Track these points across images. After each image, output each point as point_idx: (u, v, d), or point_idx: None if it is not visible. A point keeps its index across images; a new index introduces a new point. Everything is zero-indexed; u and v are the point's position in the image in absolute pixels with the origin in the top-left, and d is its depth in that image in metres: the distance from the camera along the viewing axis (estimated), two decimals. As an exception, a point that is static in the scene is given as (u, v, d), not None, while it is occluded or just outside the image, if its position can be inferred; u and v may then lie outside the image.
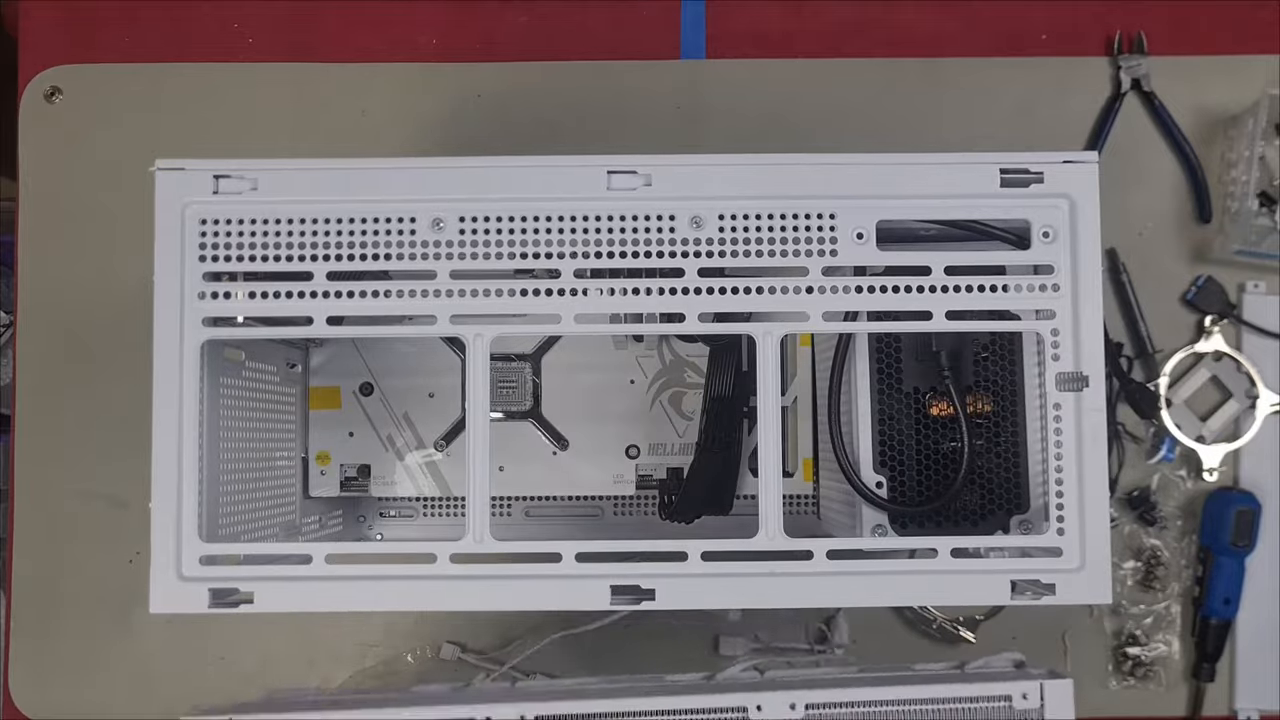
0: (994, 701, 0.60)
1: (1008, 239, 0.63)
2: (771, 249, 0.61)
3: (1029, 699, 0.59)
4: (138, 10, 0.94)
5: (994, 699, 0.60)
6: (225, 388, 0.67)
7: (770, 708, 0.60)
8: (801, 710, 0.60)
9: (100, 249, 0.91)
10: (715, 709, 0.60)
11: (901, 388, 0.68)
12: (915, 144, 0.91)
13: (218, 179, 0.61)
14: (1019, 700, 0.59)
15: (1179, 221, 0.92)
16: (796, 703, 0.60)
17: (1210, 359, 0.91)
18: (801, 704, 0.60)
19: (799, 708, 0.60)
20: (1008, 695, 0.59)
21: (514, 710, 0.59)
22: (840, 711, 0.60)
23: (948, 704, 0.60)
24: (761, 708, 0.60)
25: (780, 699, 0.60)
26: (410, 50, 0.94)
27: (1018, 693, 0.59)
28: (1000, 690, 0.60)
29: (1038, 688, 0.59)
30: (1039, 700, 0.59)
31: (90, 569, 0.89)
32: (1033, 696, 0.59)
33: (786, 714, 0.60)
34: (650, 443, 0.83)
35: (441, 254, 0.61)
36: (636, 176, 0.61)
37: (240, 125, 0.93)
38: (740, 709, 0.60)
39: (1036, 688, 0.59)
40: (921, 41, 0.94)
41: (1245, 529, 0.87)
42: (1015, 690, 0.59)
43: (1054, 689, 0.60)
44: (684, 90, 0.93)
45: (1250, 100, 0.88)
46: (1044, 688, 0.59)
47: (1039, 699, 0.59)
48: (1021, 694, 0.59)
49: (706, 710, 0.60)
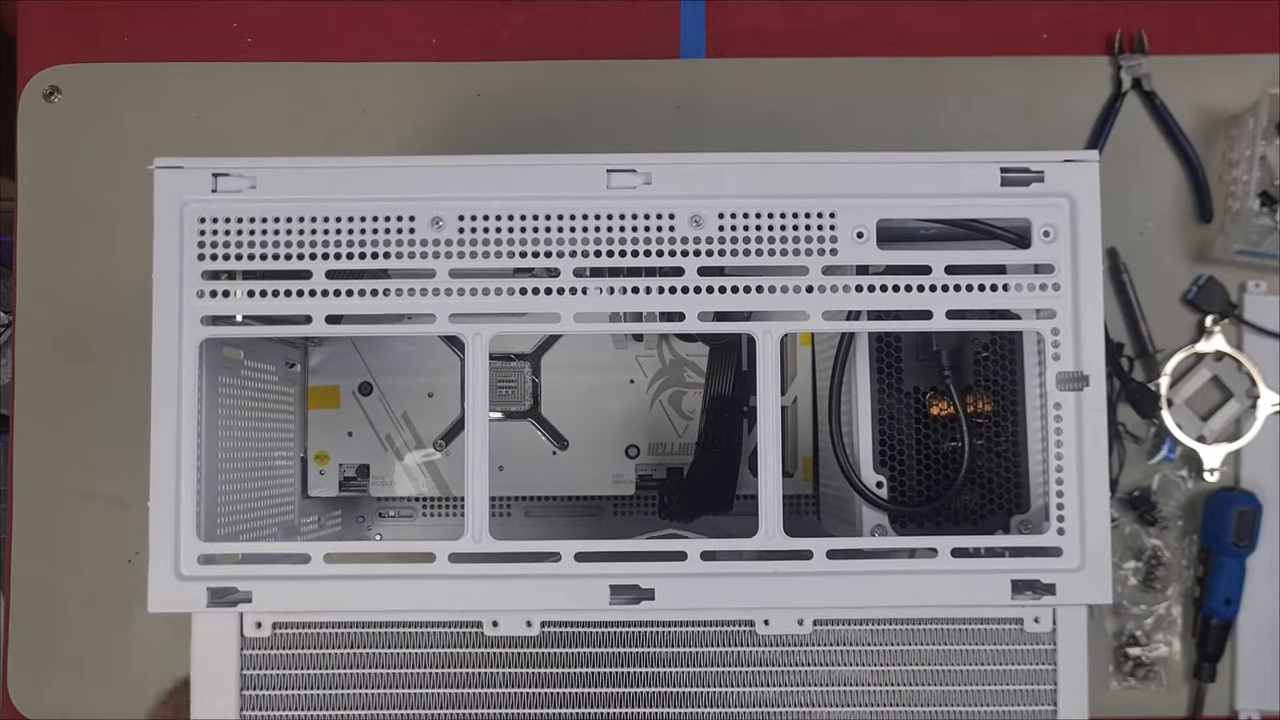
0: (1003, 623, 0.59)
1: (1008, 238, 0.63)
2: (771, 248, 0.61)
3: (1041, 623, 0.59)
4: (137, 10, 0.94)
5: (1003, 621, 0.59)
6: (224, 387, 0.67)
7: (778, 622, 0.59)
8: (809, 625, 0.59)
9: (99, 248, 0.91)
10: (720, 621, 0.60)
11: (902, 387, 0.68)
12: (915, 143, 0.91)
13: (216, 177, 0.61)
14: (1030, 624, 0.59)
15: (1180, 221, 0.92)
16: (804, 618, 0.59)
17: (1211, 359, 0.91)
18: (809, 619, 0.59)
19: (806, 623, 0.59)
20: (1019, 617, 0.59)
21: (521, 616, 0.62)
22: (850, 629, 0.59)
23: (955, 624, 0.59)
24: (769, 622, 0.59)
25: (787, 615, 0.59)
26: (410, 50, 0.94)
27: (1030, 616, 0.59)
28: (1011, 611, 0.59)
29: (1050, 612, 0.58)
30: (1051, 625, 0.59)
31: (89, 569, 0.89)
32: (1045, 621, 0.58)
33: (793, 629, 0.59)
34: (650, 443, 0.83)
35: (440, 253, 0.61)
36: (636, 175, 0.61)
37: (240, 124, 0.93)
38: (747, 622, 0.59)
39: (1050, 612, 0.58)
40: (921, 41, 0.94)
41: (1246, 529, 0.87)
42: (1028, 613, 0.59)
43: (1068, 615, 0.59)
44: (684, 89, 0.93)
45: (1251, 99, 0.88)
46: (1057, 612, 0.59)
47: (1051, 623, 0.59)
48: (1034, 617, 0.59)
49: (709, 622, 0.60)
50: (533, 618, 0.59)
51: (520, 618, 0.59)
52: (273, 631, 0.59)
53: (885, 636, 0.59)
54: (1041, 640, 0.59)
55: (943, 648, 0.59)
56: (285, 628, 0.59)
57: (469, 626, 0.59)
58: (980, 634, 0.59)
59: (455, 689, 0.59)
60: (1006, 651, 0.59)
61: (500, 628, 0.59)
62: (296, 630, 0.59)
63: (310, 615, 0.59)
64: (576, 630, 0.59)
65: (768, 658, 0.59)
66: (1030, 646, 0.59)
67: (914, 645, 0.59)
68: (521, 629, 0.59)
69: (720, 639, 0.60)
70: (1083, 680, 0.59)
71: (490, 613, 0.59)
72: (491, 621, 0.59)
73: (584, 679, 0.59)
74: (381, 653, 0.59)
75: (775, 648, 0.59)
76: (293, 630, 0.59)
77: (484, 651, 0.59)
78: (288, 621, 0.59)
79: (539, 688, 0.59)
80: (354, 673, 0.59)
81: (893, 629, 0.59)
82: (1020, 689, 0.59)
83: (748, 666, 0.59)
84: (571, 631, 0.59)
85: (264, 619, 0.59)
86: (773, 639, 0.59)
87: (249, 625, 0.59)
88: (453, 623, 0.59)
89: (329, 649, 0.59)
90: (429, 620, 0.60)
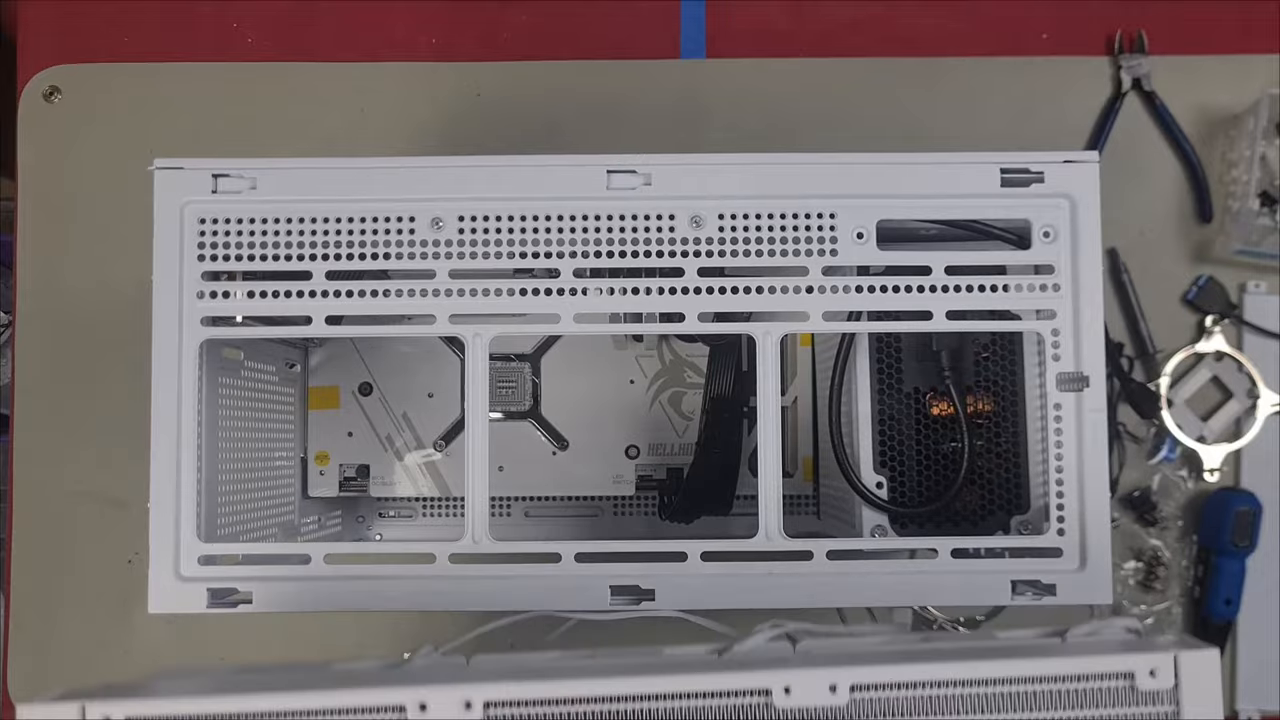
0: (1109, 680, 0.43)
1: (1008, 239, 0.63)
2: (771, 249, 0.61)
3: (1159, 676, 0.43)
4: (137, 10, 0.94)
5: (1109, 676, 0.43)
6: (224, 387, 0.67)
7: (802, 689, 0.44)
8: (845, 693, 0.44)
9: (99, 248, 0.91)
10: (728, 691, 0.44)
11: (902, 388, 0.68)
12: (915, 144, 0.91)
13: (216, 178, 0.61)
14: (1144, 679, 0.43)
15: (1180, 221, 0.92)
16: (838, 683, 0.43)
17: (1211, 359, 0.91)
18: (845, 684, 0.44)
19: (841, 690, 0.44)
20: (1129, 671, 0.43)
21: (457, 694, 0.44)
22: (898, 694, 0.44)
23: (1044, 683, 0.43)
24: (790, 690, 0.43)
25: (816, 678, 0.44)
26: (410, 50, 0.94)
27: (1143, 668, 0.43)
28: (1117, 666, 0.43)
29: (1170, 661, 0.42)
30: (1173, 678, 0.43)
31: (89, 569, 0.89)
32: (1164, 673, 0.43)
33: (825, 698, 0.44)
34: (650, 443, 0.83)
35: (440, 253, 0.61)
36: (636, 176, 0.61)
37: (239, 125, 0.93)
38: (763, 691, 0.44)
39: (1169, 660, 0.42)
40: (921, 41, 0.94)
41: (1246, 529, 0.87)
42: (1140, 665, 0.43)
43: (1192, 662, 0.43)
44: (684, 90, 0.93)
45: (1251, 99, 0.88)
46: (1179, 661, 0.42)
47: (1173, 676, 0.43)
48: (1149, 670, 0.43)
49: (716, 693, 0.44)
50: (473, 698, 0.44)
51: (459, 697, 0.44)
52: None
53: (942, 706, 0.44)
54: (1160, 698, 0.43)
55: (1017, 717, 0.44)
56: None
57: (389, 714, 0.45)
58: (1076, 696, 0.44)
59: None
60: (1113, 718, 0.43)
61: (430, 711, 0.44)
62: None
63: (177, 709, 0.44)
64: (531, 714, 0.45)
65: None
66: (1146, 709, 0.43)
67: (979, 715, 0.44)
68: (459, 712, 0.44)
69: (724, 715, 0.45)
70: None
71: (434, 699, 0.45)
72: (419, 705, 0.44)
73: None
74: None
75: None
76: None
77: None
78: (143, 717, 0.45)
79: None
80: None
81: (956, 694, 0.44)
82: None
83: None
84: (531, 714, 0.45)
85: (114, 713, 0.44)
86: (796, 713, 0.44)
87: None
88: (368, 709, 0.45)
89: None
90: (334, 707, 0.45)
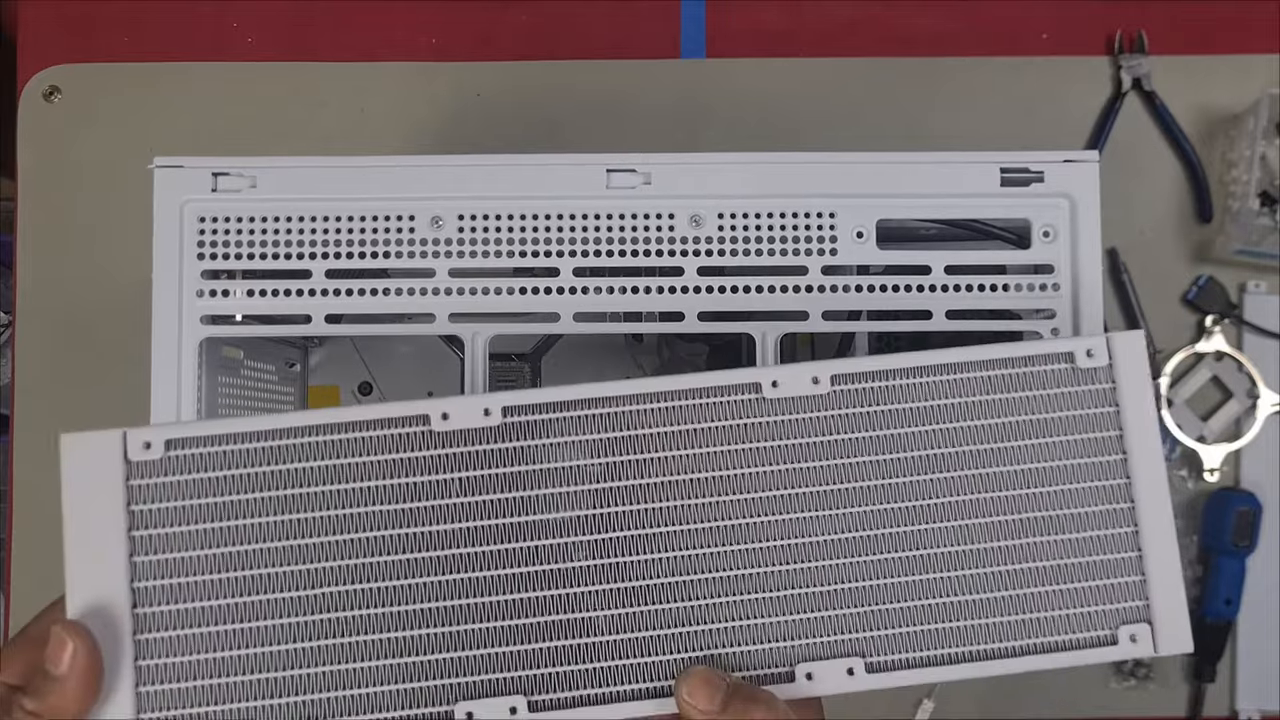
0: (1054, 363, 0.50)
1: (1008, 238, 0.63)
2: (771, 248, 0.61)
3: (1095, 355, 0.50)
4: (137, 10, 0.94)
5: (1053, 358, 0.50)
6: (224, 387, 0.67)
7: (788, 382, 0.48)
8: (826, 383, 0.49)
9: (99, 248, 0.91)
10: (723, 387, 0.49)
11: (901, 387, 0.68)
12: (915, 143, 0.91)
13: (216, 177, 0.61)
14: (1083, 359, 0.50)
15: (1180, 221, 0.92)
16: (819, 375, 0.48)
17: (1211, 359, 0.91)
18: (826, 375, 0.49)
19: (823, 380, 0.48)
20: (1069, 351, 0.50)
21: (476, 403, 0.48)
22: (874, 385, 0.49)
23: (1000, 367, 0.50)
24: (778, 383, 0.48)
25: (799, 372, 0.48)
26: (409, 50, 0.94)
27: (1080, 349, 0.50)
28: (1059, 348, 0.50)
29: (1103, 342, 0.50)
30: (1106, 356, 0.50)
31: (89, 569, 0.89)
32: (1099, 352, 0.50)
33: (809, 389, 0.49)
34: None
35: (440, 252, 0.61)
36: (636, 175, 0.61)
37: (239, 124, 0.93)
38: (753, 385, 0.49)
39: (1102, 342, 0.50)
40: (921, 41, 0.94)
41: (1246, 529, 0.87)
42: (1078, 346, 0.50)
43: (1122, 341, 0.50)
44: (684, 89, 0.93)
45: (1251, 99, 0.88)
46: (1110, 341, 0.50)
47: (1106, 355, 0.50)
48: (1085, 350, 0.50)
49: (712, 389, 0.49)
50: (491, 405, 0.48)
51: (478, 405, 0.48)
52: (165, 453, 0.47)
53: (911, 393, 0.49)
54: (1097, 375, 0.50)
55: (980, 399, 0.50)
56: (181, 447, 0.47)
57: (414, 424, 0.48)
58: (1027, 378, 0.50)
59: (400, 504, 0.47)
60: (1056, 396, 0.50)
61: (452, 420, 0.47)
62: (196, 451, 0.47)
63: (212, 429, 0.47)
64: (546, 418, 0.48)
65: (778, 429, 0.49)
66: (1089, 386, 0.50)
67: (946, 399, 0.49)
68: (479, 419, 0.48)
69: (720, 411, 0.49)
70: (1150, 417, 0.50)
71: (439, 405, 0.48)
72: (441, 414, 0.47)
73: (559, 476, 0.48)
74: (305, 467, 0.47)
75: (786, 415, 0.48)
76: (191, 451, 0.47)
77: (434, 454, 0.48)
78: (184, 438, 0.47)
79: (502, 492, 0.48)
80: (271, 496, 0.47)
81: (920, 381, 0.49)
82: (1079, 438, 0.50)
83: (755, 442, 0.48)
84: (541, 420, 0.48)
85: (153, 438, 0.47)
86: (783, 403, 0.48)
87: (134, 447, 0.47)
88: (394, 420, 0.48)
89: (238, 468, 0.47)
90: (364, 419, 0.48)
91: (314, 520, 0.47)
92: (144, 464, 0.47)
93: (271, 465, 0.47)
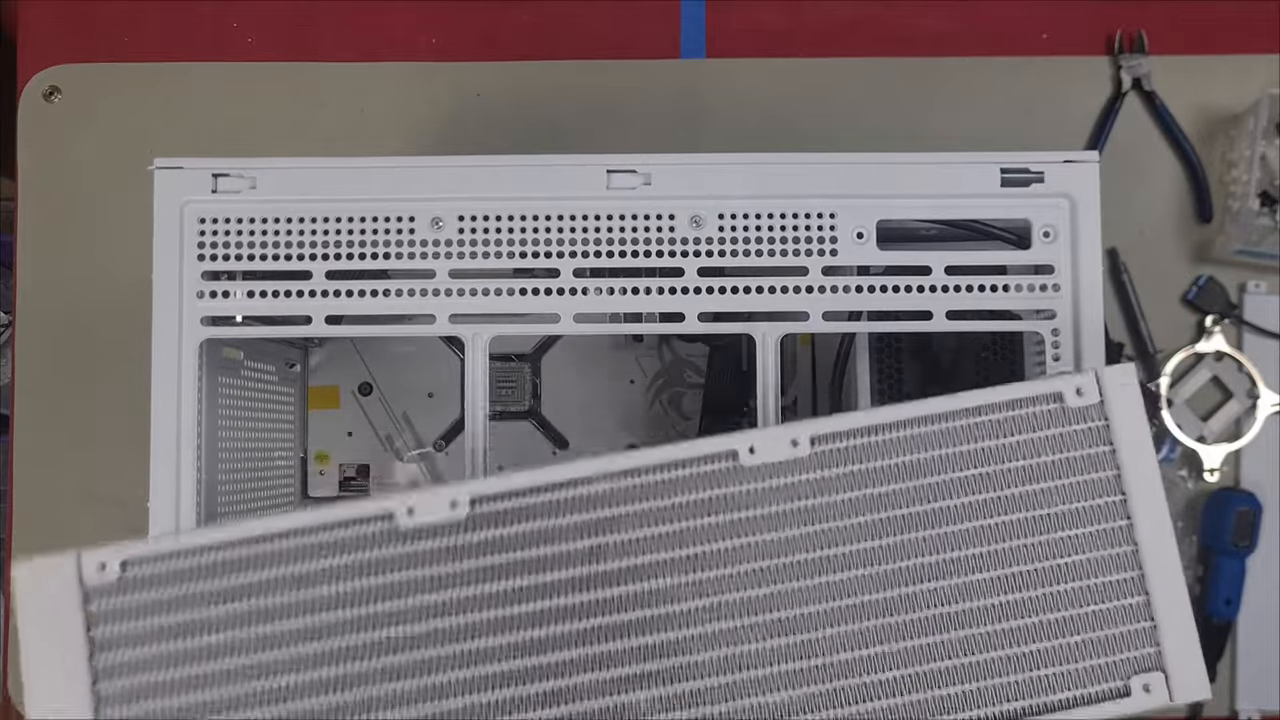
0: (1042, 404, 0.47)
1: (1008, 239, 0.63)
2: (771, 248, 0.61)
3: (1085, 394, 0.47)
4: (137, 10, 0.94)
5: (1041, 400, 0.47)
6: (224, 387, 0.67)
7: (766, 447, 0.47)
8: (806, 445, 0.47)
9: (99, 248, 0.91)
10: (697, 459, 0.47)
11: (902, 388, 0.68)
12: (915, 144, 0.91)
13: (216, 178, 0.61)
14: (1072, 398, 0.47)
15: (1180, 221, 0.92)
16: (798, 436, 0.47)
17: (1211, 359, 0.91)
18: (805, 436, 0.47)
19: (802, 442, 0.47)
20: (1057, 392, 0.47)
21: (443, 495, 0.46)
22: (856, 443, 0.47)
23: (985, 413, 0.47)
24: (755, 449, 0.47)
25: (777, 435, 0.47)
26: (409, 50, 0.94)
27: (1069, 387, 0.47)
28: (1045, 389, 0.47)
29: (1093, 378, 0.47)
30: (1097, 393, 0.47)
31: (89, 569, 0.89)
32: (1089, 389, 0.47)
33: (787, 452, 0.47)
34: (650, 443, 0.83)
35: (440, 253, 0.61)
36: (636, 175, 0.61)
37: (239, 124, 0.93)
38: (728, 453, 0.47)
39: (1091, 379, 0.47)
40: (921, 41, 0.94)
41: (1246, 529, 0.87)
42: (1065, 385, 0.47)
43: (1112, 375, 0.47)
44: (684, 90, 0.93)
45: (1251, 99, 0.88)
46: (1100, 376, 0.47)
47: (1097, 391, 0.47)
48: (1075, 389, 0.47)
49: (686, 462, 0.48)
50: (458, 496, 0.47)
51: (444, 498, 0.47)
52: (122, 574, 0.46)
53: (896, 448, 0.47)
54: (1090, 415, 0.48)
55: (968, 448, 0.48)
56: (138, 566, 0.46)
57: (377, 523, 0.46)
58: (1015, 423, 0.48)
59: (368, 607, 0.46)
60: (1047, 439, 0.48)
61: (417, 515, 0.46)
62: (153, 570, 0.46)
63: (169, 547, 0.46)
64: (516, 505, 0.47)
65: (759, 497, 0.47)
66: (1080, 425, 0.48)
67: (933, 451, 0.48)
68: (446, 512, 0.47)
69: (696, 483, 0.47)
70: (1148, 452, 0.48)
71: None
72: (406, 509, 0.46)
73: (533, 564, 0.46)
74: (266, 578, 0.46)
75: (767, 482, 0.47)
76: (148, 570, 0.46)
77: (401, 552, 0.46)
78: (140, 557, 0.46)
79: (475, 586, 0.46)
80: (233, 610, 0.46)
81: (903, 435, 0.48)
82: (1074, 481, 0.48)
83: (736, 512, 0.47)
84: (510, 508, 0.47)
85: (109, 559, 0.46)
86: (762, 470, 0.47)
87: (90, 570, 0.46)
88: (357, 519, 0.46)
89: (198, 584, 0.46)
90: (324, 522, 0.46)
91: (279, 633, 0.46)
92: (101, 586, 0.46)
93: (231, 579, 0.46)
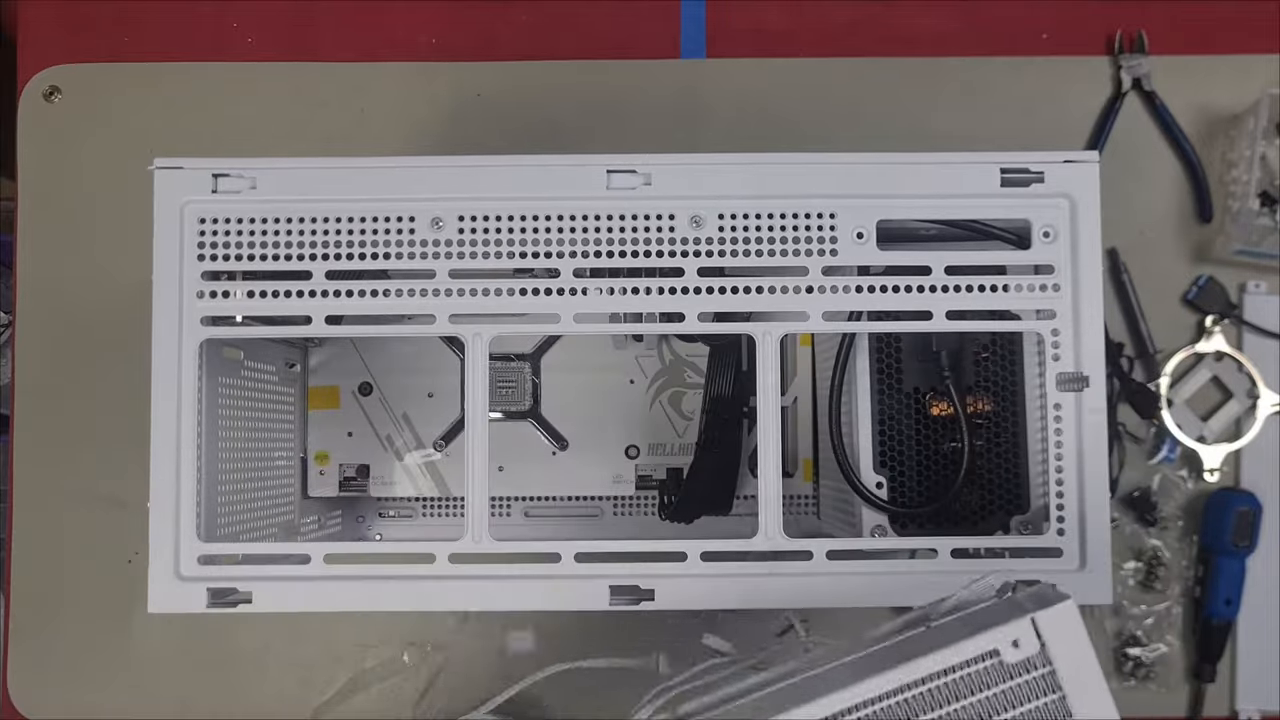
0: (979, 663, 0.42)
1: (1008, 239, 0.63)
2: (771, 249, 0.61)
3: (1022, 645, 0.41)
4: (137, 10, 0.94)
5: (976, 660, 0.41)
6: (224, 387, 0.67)
7: None
8: None
9: (99, 248, 0.91)
10: None
11: (902, 388, 0.68)
12: (915, 144, 0.91)
13: (216, 178, 0.61)
14: (1009, 652, 0.41)
15: (1180, 221, 0.92)
16: None
17: (1211, 359, 0.91)
18: None
19: None
20: (992, 650, 0.41)
21: None
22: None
23: (919, 686, 0.41)
24: None
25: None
26: (409, 50, 0.94)
27: (1005, 640, 0.41)
28: (979, 648, 0.41)
29: (1029, 625, 0.41)
30: (1036, 641, 0.42)
31: (89, 569, 0.89)
32: (1027, 639, 0.41)
33: None
34: (650, 443, 0.83)
35: (440, 253, 0.61)
36: (636, 176, 0.61)
37: (239, 125, 0.93)
38: None
39: (1028, 625, 0.41)
40: (922, 41, 0.94)
41: (1246, 529, 0.87)
42: (1000, 638, 0.41)
43: (1050, 619, 0.42)
44: (684, 90, 0.93)
45: (1251, 100, 0.88)
46: (1037, 622, 0.41)
47: (1035, 640, 0.42)
48: (1011, 641, 0.41)
49: None
50: None
51: None
52: None
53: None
54: (1033, 664, 0.43)
55: None
56: None
57: None
58: (950, 689, 0.42)
59: None
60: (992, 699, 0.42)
61: None
62: None
63: None
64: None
65: None
66: (1023, 678, 0.43)
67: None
68: None
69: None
70: (1101, 692, 0.45)
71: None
72: None
73: None
74: None
75: None
76: None
77: None
78: None
79: None
80: None
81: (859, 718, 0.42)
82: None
83: None
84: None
85: None
86: None
87: None
88: None
89: None
90: None
91: None
92: None
93: None
